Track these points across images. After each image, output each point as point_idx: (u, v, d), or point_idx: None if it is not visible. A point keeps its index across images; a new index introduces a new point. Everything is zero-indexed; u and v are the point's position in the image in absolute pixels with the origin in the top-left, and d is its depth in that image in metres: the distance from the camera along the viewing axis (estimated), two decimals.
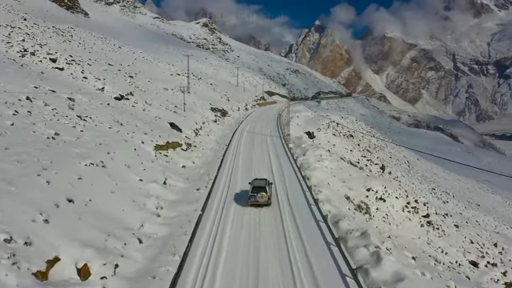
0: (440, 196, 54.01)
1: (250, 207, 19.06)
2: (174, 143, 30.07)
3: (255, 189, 19.51)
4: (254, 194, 19.32)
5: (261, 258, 13.74)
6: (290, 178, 25.29)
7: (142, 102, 40.64)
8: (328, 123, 62.50)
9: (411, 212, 28.18)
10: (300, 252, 14.26)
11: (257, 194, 19.28)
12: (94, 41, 79.22)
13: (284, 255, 13.98)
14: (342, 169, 31.66)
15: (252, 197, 19.33)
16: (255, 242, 15.08)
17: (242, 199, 20.26)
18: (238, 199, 20.40)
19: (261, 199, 19.26)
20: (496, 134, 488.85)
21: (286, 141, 40.26)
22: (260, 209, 18.95)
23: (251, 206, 19.28)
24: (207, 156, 31.23)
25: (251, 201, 19.38)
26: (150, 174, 21.24)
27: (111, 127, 25.86)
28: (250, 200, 19.39)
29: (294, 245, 14.87)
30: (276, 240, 15.38)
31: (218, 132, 44.52)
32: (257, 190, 19.43)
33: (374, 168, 51.28)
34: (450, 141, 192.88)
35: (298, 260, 13.62)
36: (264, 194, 19.31)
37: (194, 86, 74.04)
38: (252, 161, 29.84)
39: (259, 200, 19.28)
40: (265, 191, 19.44)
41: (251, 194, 19.41)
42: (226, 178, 24.62)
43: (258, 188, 19.57)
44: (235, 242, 15.02)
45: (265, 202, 19.43)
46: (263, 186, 19.80)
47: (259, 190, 19.42)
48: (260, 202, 19.36)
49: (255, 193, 19.33)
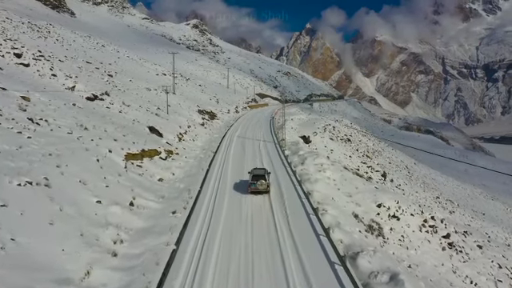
0: (445, 205, 50.35)
1: (240, 248, 14.28)
2: (151, 151, 25.50)
3: (255, 177, 20.48)
4: (253, 182, 20.23)
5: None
6: (289, 195, 20.91)
7: (119, 102, 35.93)
8: (324, 126, 58.46)
9: (429, 232, 24.12)
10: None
11: (257, 182, 20.20)
12: (75, 38, 74.01)
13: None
14: (347, 180, 27.46)
15: (252, 184, 20.25)
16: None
17: (230, 225, 15.83)
18: (225, 226, 15.94)
19: (260, 186, 20.21)
20: (485, 137, 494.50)
21: (280, 147, 35.97)
22: (254, 247, 14.17)
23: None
24: (191, 166, 26.69)
25: (251, 188, 20.29)
26: (113, 193, 16.67)
27: (71, 132, 21.20)
28: (250, 187, 20.32)
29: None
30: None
31: (205, 137, 40.02)
32: (257, 178, 20.37)
33: (375, 175, 47.40)
34: (444, 144, 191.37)
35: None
36: (263, 182, 20.29)
37: (181, 86, 69.39)
38: (243, 171, 25.45)
39: (259, 187, 20.22)
40: (264, 179, 20.43)
41: (251, 181, 20.31)
42: (210, 195, 20.17)
43: (258, 176, 20.55)
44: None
45: (264, 190, 20.38)
46: (263, 174, 20.89)
47: (259, 178, 20.38)
48: (260, 189, 20.28)
49: (255, 180, 20.25)
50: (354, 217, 22.39)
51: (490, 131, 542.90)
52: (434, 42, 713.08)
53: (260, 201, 19.46)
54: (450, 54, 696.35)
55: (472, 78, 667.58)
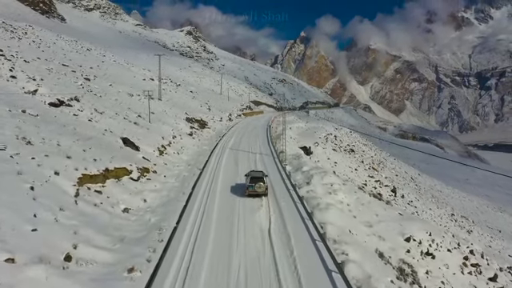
0: (461, 224, 45.35)
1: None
2: (118, 170, 20.09)
3: (253, 179, 19.67)
4: (251, 184, 19.45)
5: None
6: (298, 237, 15.10)
7: (91, 109, 30.53)
8: (326, 136, 53.40)
9: (473, 273, 18.94)
10: None
11: (255, 185, 19.41)
12: (56, 41, 68.69)
13: None
14: (364, 204, 22.26)
15: (250, 187, 19.46)
16: None
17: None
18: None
19: (259, 189, 19.48)
20: (478, 145, 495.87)
21: (280, 162, 30.72)
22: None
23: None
24: (170, 188, 21.27)
25: (249, 191, 19.54)
26: (40, 242, 11.24)
27: (4, 148, 15.79)
28: (248, 190, 19.55)
29: None
30: None
31: (193, 149, 34.64)
32: (255, 181, 19.55)
33: (384, 191, 42.37)
34: (442, 152, 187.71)
35: None
36: (262, 184, 19.54)
37: (169, 92, 64.12)
38: (235, 197, 20.16)
39: (257, 190, 19.46)
40: (262, 181, 19.64)
41: (249, 184, 19.51)
42: (189, 236, 14.65)
43: (256, 178, 19.73)
44: None
45: (263, 192, 19.61)
46: (261, 176, 20.10)
47: (257, 181, 19.56)
48: (258, 192, 19.51)
49: (253, 183, 19.46)
50: (379, 256, 17.15)
51: (483, 139, 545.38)
52: (428, 50, 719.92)
53: (258, 247, 14.01)
54: (443, 62, 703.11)
55: (465, 85, 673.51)
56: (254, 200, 19.54)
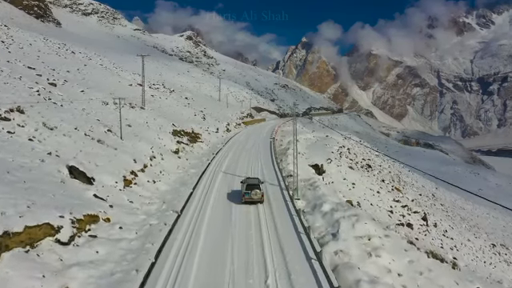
0: (506, 257, 37.44)
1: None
2: (33, 230, 12.30)
3: (249, 186, 19.58)
4: (248, 192, 19.43)
5: None
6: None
7: (37, 124, 22.86)
8: (338, 150, 45.56)
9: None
10: None
11: (251, 192, 19.39)
12: (33, 42, 61.52)
13: None
14: (423, 273, 14.46)
15: (246, 194, 19.45)
16: None
17: None
18: None
19: (255, 196, 19.40)
20: (482, 150, 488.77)
21: (289, 192, 22.85)
22: None
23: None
24: (121, 256, 13.38)
25: (245, 198, 19.55)
26: None
27: None
28: (244, 197, 19.59)
29: None
30: None
31: (176, 173, 26.86)
32: (251, 188, 19.48)
33: (414, 219, 34.56)
34: (452, 160, 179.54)
35: None
36: (258, 191, 19.48)
37: (159, 99, 56.57)
38: (224, 269, 12.40)
39: (253, 197, 19.41)
40: (258, 188, 19.60)
41: (245, 191, 19.47)
42: None
43: (252, 186, 19.64)
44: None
45: (259, 199, 19.50)
46: (257, 183, 19.97)
47: (253, 188, 19.52)
48: (254, 199, 19.43)
49: (249, 190, 19.41)
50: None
51: (486, 144, 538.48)
52: (429, 55, 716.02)
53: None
54: (444, 68, 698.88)
55: (467, 90, 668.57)
56: (254, 262, 11.72)
